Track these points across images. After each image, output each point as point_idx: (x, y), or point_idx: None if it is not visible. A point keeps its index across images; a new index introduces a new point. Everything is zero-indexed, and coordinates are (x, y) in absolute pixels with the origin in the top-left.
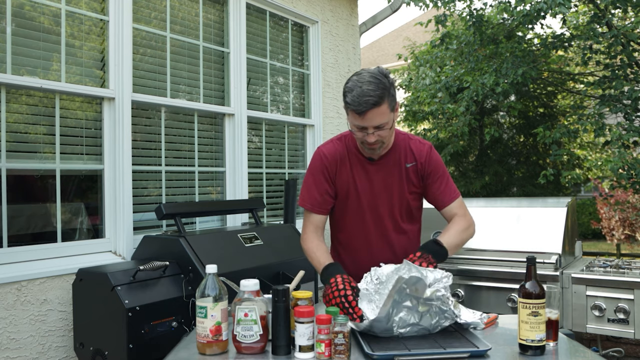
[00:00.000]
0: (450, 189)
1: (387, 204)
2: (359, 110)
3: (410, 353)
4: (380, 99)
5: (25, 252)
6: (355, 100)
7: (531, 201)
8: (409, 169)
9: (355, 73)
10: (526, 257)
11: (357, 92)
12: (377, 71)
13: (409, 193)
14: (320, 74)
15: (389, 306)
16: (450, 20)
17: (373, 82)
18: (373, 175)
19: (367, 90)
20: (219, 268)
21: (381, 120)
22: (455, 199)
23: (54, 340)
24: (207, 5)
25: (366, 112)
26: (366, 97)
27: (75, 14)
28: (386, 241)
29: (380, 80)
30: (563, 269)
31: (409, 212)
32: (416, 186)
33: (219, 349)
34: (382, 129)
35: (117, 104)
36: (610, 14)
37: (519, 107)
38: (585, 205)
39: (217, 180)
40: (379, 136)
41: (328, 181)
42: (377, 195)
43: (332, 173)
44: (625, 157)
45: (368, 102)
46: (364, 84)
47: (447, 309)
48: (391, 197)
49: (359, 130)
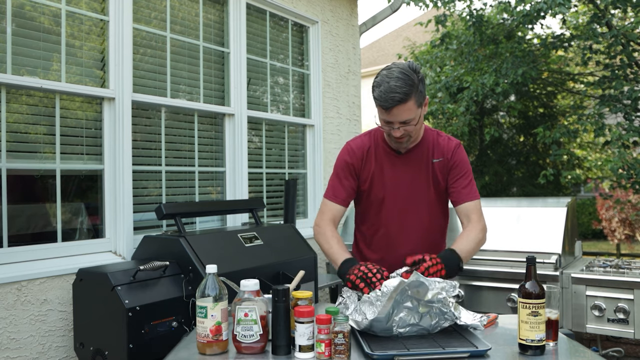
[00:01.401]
0: (471, 189)
1: (412, 196)
2: (385, 106)
3: (410, 353)
4: (407, 95)
5: (25, 252)
6: (382, 96)
7: (531, 201)
8: (435, 164)
9: (386, 67)
10: (526, 257)
11: (385, 87)
12: (407, 66)
13: (434, 188)
14: (320, 74)
15: (390, 307)
16: (450, 20)
17: (401, 78)
18: (399, 167)
19: (394, 87)
20: (219, 268)
21: (407, 116)
22: (474, 199)
23: (54, 340)
24: (207, 5)
25: (392, 108)
26: (392, 94)
27: (75, 14)
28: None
29: (409, 77)
30: (563, 269)
31: (434, 206)
32: (442, 182)
33: (219, 349)
34: (408, 124)
35: (117, 104)
36: (610, 14)
37: (519, 107)
38: (585, 205)
39: (217, 180)
40: (404, 131)
41: (352, 175)
42: (402, 187)
43: (357, 167)
44: (625, 157)
45: (394, 99)
46: (392, 79)
47: (447, 310)
48: (416, 189)
49: (385, 124)
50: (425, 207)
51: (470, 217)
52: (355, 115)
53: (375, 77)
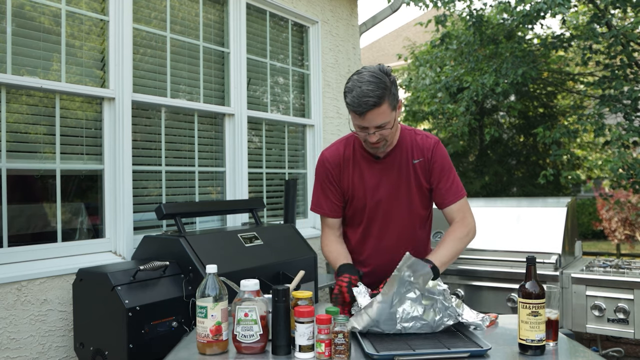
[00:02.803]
0: (453, 188)
1: (394, 200)
2: (359, 111)
3: (415, 353)
4: (380, 99)
5: (25, 252)
6: (355, 101)
7: (531, 201)
8: (416, 165)
9: (356, 72)
10: (526, 257)
11: (357, 92)
12: (378, 69)
13: (416, 189)
14: (320, 74)
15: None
16: (450, 20)
17: (373, 81)
18: (379, 172)
19: (366, 91)
20: (219, 268)
21: (382, 120)
22: (457, 200)
23: (54, 340)
24: (207, 5)
25: (366, 113)
26: (365, 98)
27: (75, 14)
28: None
29: (381, 80)
30: (563, 269)
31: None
32: (424, 182)
33: (219, 349)
34: (384, 128)
35: (117, 104)
36: (610, 14)
37: (519, 107)
38: (585, 205)
39: (217, 180)
40: (380, 135)
41: (333, 184)
42: (384, 192)
43: (336, 176)
44: (625, 157)
45: (367, 103)
46: (363, 83)
47: (450, 305)
48: (398, 193)
49: (360, 130)
50: (407, 209)
51: (455, 218)
52: None
53: (346, 83)
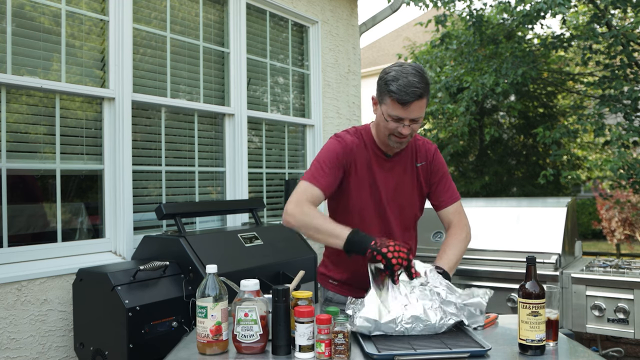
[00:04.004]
0: (450, 191)
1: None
2: (405, 100)
3: (416, 353)
4: (425, 91)
5: (25, 252)
6: (402, 89)
7: (531, 201)
8: (419, 168)
9: (396, 64)
10: (526, 257)
11: (404, 82)
12: (419, 66)
13: (417, 191)
14: (320, 74)
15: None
16: (450, 20)
17: (418, 74)
18: (387, 170)
19: (413, 81)
20: (219, 268)
21: (420, 113)
22: (454, 202)
23: (54, 340)
24: (207, 5)
25: (411, 103)
26: (413, 88)
27: (75, 14)
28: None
29: (423, 75)
30: (563, 269)
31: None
32: (424, 186)
33: (219, 349)
34: (417, 122)
35: (117, 104)
36: (610, 14)
37: (519, 107)
38: (585, 205)
39: (217, 180)
40: (411, 129)
41: (340, 168)
42: (388, 190)
43: (345, 161)
44: (625, 157)
45: (415, 93)
46: (409, 74)
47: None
48: (401, 193)
49: (394, 120)
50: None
51: (452, 221)
52: (356, 115)
53: (387, 72)
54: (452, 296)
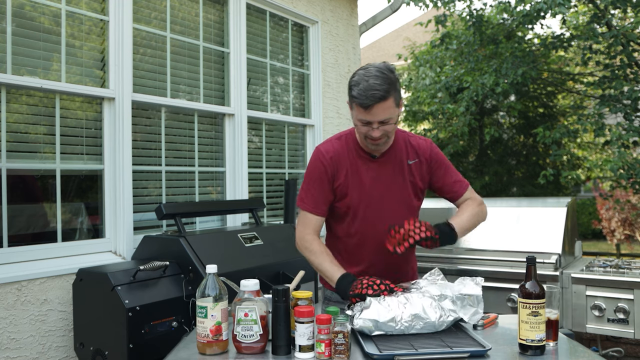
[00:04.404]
0: (459, 180)
1: (390, 200)
2: (366, 104)
3: (417, 352)
4: (387, 93)
5: (26, 252)
6: (362, 93)
7: (531, 201)
8: (411, 165)
9: (362, 67)
10: (526, 257)
11: (364, 85)
12: (384, 66)
13: (411, 188)
14: (320, 74)
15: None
16: (450, 20)
17: (380, 76)
18: (376, 171)
19: (373, 84)
20: (219, 268)
21: (386, 115)
22: (466, 189)
23: (54, 340)
24: (207, 5)
25: (372, 106)
26: (373, 91)
27: (75, 14)
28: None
29: (387, 75)
30: (563, 269)
31: (411, 205)
32: (419, 183)
33: (219, 349)
34: (387, 123)
35: (117, 104)
36: (610, 14)
37: (519, 107)
38: (585, 205)
39: (217, 180)
40: (383, 131)
41: (328, 181)
42: (380, 191)
43: (331, 173)
44: (625, 157)
45: (375, 96)
46: (370, 77)
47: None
48: (394, 193)
49: (363, 125)
50: (403, 206)
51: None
52: None
53: (352, 77)
54: (447, 290)
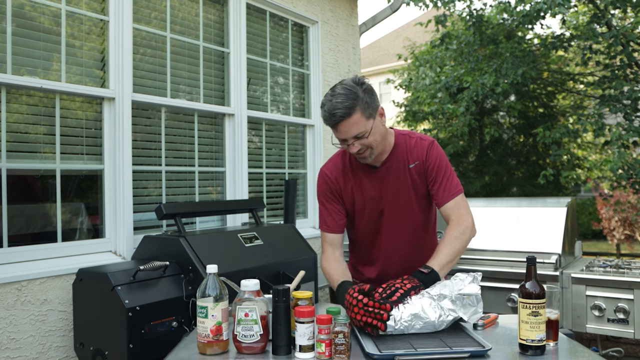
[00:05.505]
0: (448, 186)
1: (396, 208)
2: (330, 124)
3: (417, 352)
4: (350, 109)
5: (25, 252)
6: (326, 115)
7: (531, 201)
8: (412, 169)
9: (332, 87)
10: (526, 257)
11: (328, 106)
12: (350, 81)
13: (414, 193)
14: (320, 74)
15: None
16: (450, 20)
17: (342, 94)
18: (379, 181)
19: (335, 104)
20: (219, 268)
21: (357, 130)
22: (452, 198)
23: (54, 340)
24: (207, 5)
25: (337, 125)
26: (335, 110)
27: (75, 14)
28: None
29: (351, 91)
30: (563, 269)
31: (418, 211)
32: (422, 185)
33: (219, 349)
34: (362, 137)
35: (117, 104)
36: (610, 14)
37: (519, 107)
38: (585, 205)
39: (217, 180)
40: (362, 145)
41: (336, 198)
42: (385, 200)
43: (337, 190)
44: (625, 157)
45: (336, 115)
46: (334, 96)
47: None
48: (400, 200)
49: (341, 142)
50: (409, 215)
51: (450, 216)
52: None
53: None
54: (445, 289)
